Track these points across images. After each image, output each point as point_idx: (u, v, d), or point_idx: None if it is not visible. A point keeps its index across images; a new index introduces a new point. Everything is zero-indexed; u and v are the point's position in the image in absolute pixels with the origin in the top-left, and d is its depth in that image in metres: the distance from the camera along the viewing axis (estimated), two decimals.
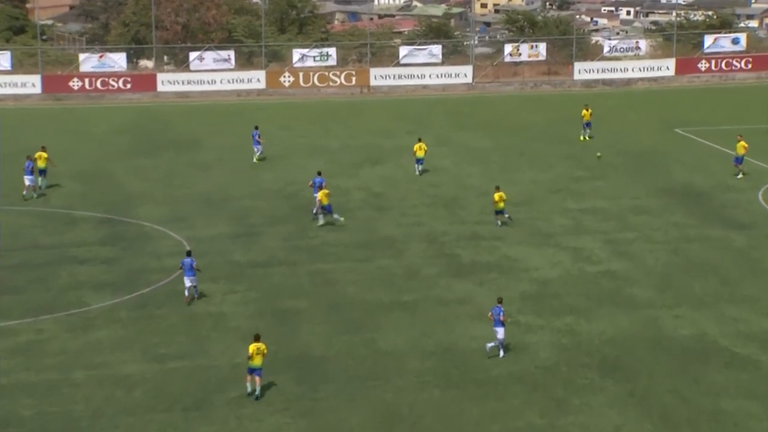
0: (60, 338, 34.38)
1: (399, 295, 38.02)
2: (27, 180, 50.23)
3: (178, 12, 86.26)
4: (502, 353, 32.73)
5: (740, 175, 52.60)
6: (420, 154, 53.99)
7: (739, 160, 53.02)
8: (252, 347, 30.47)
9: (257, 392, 30.22)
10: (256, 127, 58.25)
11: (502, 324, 32.55)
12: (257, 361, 30.28)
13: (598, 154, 55.94)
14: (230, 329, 34.88)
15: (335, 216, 45.43)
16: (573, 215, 47.36)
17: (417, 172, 53.97)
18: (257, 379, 30.29)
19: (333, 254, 42.61)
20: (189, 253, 37.88)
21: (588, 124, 61.31)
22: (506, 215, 45.69)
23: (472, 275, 40.01)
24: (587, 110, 61.60)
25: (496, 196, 45.49)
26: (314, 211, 46.33)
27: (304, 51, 79.27)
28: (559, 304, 36.69)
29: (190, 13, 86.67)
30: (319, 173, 48.00)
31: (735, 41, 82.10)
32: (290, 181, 53.57)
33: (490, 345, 32.72)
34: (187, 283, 37.27)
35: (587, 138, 61.04)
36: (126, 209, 48.73)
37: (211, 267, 40.33)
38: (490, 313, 32.92)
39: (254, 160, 57.19)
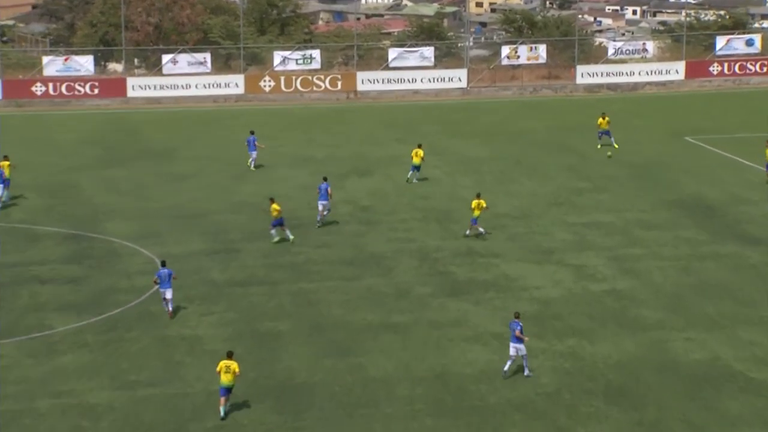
0: (21, 365, 34.28)
1: (388, 317, 38.03)
2: None
3: (149, 11, 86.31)
4: (527, 371, 33.06)
5: None
6: (416, 160, 54.29)
7: None
8: (221, 364, 30.89)
9: (222, 411, 30.60)
10: (252, 132, 58.53)
11: (519, 340, 32.81)
12: (225, 380, 30.65)
13: (609, 153, 56.04)
14: (206, 353, 34.83)
15: (287, 232, 45.47)
16: (575, 230, 47.46)
17: (408, 179, 54.30)
18: (222, 398, 30.74)
19: (317, 272, 42.60)
20: (164, 264, 38.28)
21: (607, 133, 61.28)
22: (481, 229, 46.02)
23: (467, 294, 40.04)
24: (604, 118, 61.69)
25: (474, 203, 45.89)
26: (318, 219, 47.45)
27: (286, 53, 79.36)
28: (561, 326, 36.74)
29: (162, 12, 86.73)
30: (325, 179, 48.45)
31: (749, 43, 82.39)
32: (271, 193, 53.47)
33: (507, 364, 33.11)
34: (168, 295, 37.71)
35: (615, 146, 60.71)
36: (93, 224, 48.66)
37: (185, 286, 40.28)
38: (510, 328, 33.40)
39: (251, 167, 57.60)
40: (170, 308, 37.89)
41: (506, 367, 33.15)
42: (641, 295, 39.92)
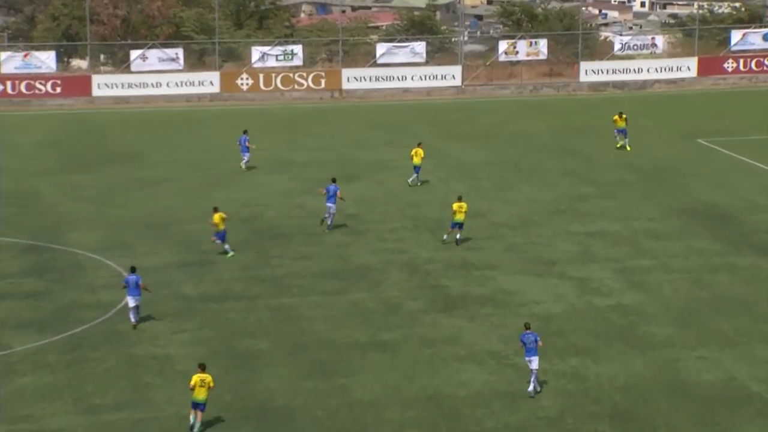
0: None
1: (376, 334, 38.06)
2: None
3: (116, 3, 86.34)
4: (532, 388, 33.13)
5: None
6: (416, 160, 54.70)
7: None
8: (195, 378, 31.09)
9: (197, 428, 30.78)
10: (245, 132, 58.88)
11: (536, 352, 33.05)
12: (200, 395, 30.91)
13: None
14: (178, 374, 34.80)
15: (226, 247, 45.46)
16: (579, 240, 47.57)
17: (410, 181, 55.09)
18: (199, 414, 30.95)
19: (299, 286, 42.62)
20: (134, 270, 38.63)
21: (622, 131, 61.64)
22: (458, 236, 46.38)
23: (461, 310, 40.09)
24: (621, 117, 61.94)
25: (455, 205, 46.30)
26: (326, 219, 48.36)
27: (265, 49, 79.43)
28: (564, 344, 36.80)
29: (130, 4, 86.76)
30: (334, 180, 48.94)
31: (766, 37, 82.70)
32: (248, 201, 53.60)
33: (531, 385, 33.08)
34: (131, 303, 37.94)
35: (628, 148, 61.20)
36: (55, 234, 48.61)
37: (155, 301, 40.26)
38: (520, 343, 33.47)
39: (243, 168, 58.24)
40: (134, 318, 38.27)
41: (531, 387, 33.23)
42: (650, 310, 40.00)
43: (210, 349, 36.77)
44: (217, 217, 45.48)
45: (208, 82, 77.93)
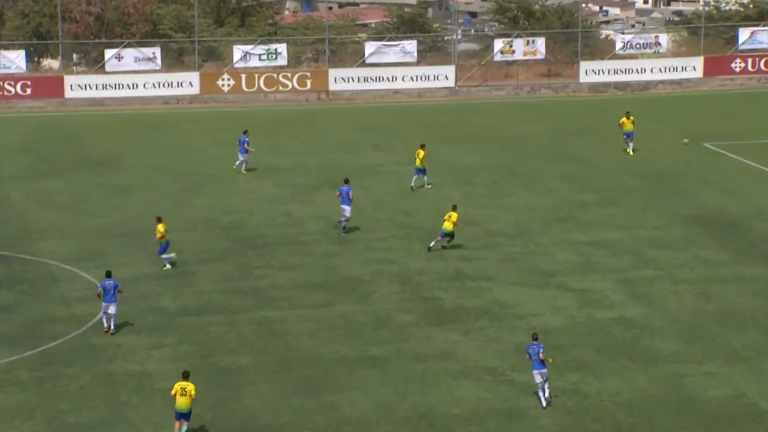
0: None
1: (365, 349, 38.11)
2: None
3: (90, 0, 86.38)
4: (544, 402, 33.48)
5: None
6: (417, 163, 55.62)
7: None
8: (176, 386, 31.49)
9: None
10: (245, 132, 59.37)
11: (543, 364, 33.40)
12: (182, 404, 31.25)
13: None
14: (156, 392, 34.84)
15: (165, 257, 45.48)
16: (579, 249, 47.69)
17: (412, 185, 56.03)
18: (185, 423, 31.22)
19: (284, 299, 42.67)
20: (109, 274, 38.99)
21: (629, 135, 61.89)
22: (440, 239, 47.02)
23: (455, 323, 40.17)
24: (628, 118, 62.19)
25: (446, 215, 47.14)
26: (340, 222, 49.27)
27: (248, 48, 79.49)
28: (563, 359, 36.88)
29: (105, 1, 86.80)
30: (347, 181, 49.91)
31: None
32: (230, 208, 53.65)
33: (544, 397, 33.54)
34: (111, 309, 38.42)
35: (632, 152, 61.56)
36: (25, 244, 48.59)
37: (132, 315, 40.30)
38: (527, 354, 33.82)
39: (241, 171, 58.87)
40: (112, 325, 38.66)
41: (543, 399, 33.60)
42: (654, 323, 40.13)
43: (190, 365, 36.66)
44: (161, 228, 45.33)
45: (187, 83, 77.95)
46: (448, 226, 46.94)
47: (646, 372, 36.17)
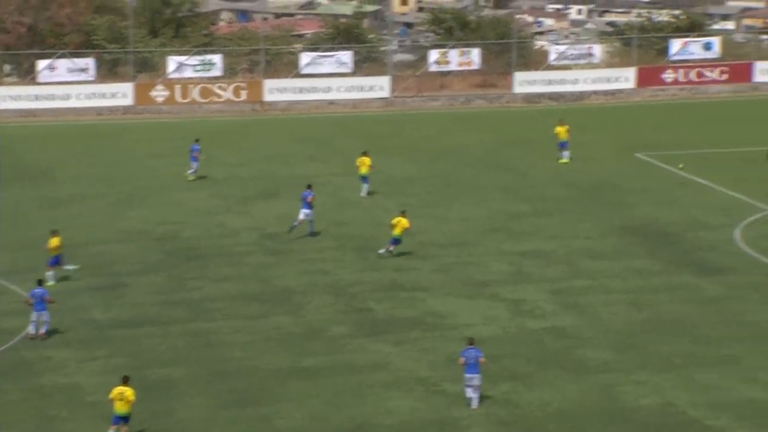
0: None
1: (299, 360, 38.07)
2: None
3: (22, 10, 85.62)
4: (475, 403, 33.84)
5: None
6: (362, 170, 55.99)
7: None
8: (114, 391, 31.61)
9: None
10: (197, 140, 59.63)
11: (479, 370, 33.73)
12: (120, 408, 31.38)
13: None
14: (87, 405, 34.61)
15: (66, 267, 45.30)
16: (512, 260, 47.89)
17: (363, 193, 56.16)
18: (124, 428, 31.31)
19: (217, 310, 42.53)
20: (40, 282, 39.41)
21: (563, 144, 62.30)
22: (390, 248, 47.11)
23: (388, 334, 40.21)
24: (562, 126, 62.63)
25: (395, 220, 47.21)
26: (294, 225, 49.78)
27: (182, 59, 79.23)
28: (496, 369, 36.94)
29: (37, 11, 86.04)
30: (309, 186, 50.45)
31: (707, 46, 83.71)
32: (164, 219, 53.40)
33: (470, 400, 33.80)
34: (41, 317, 38.75)
35: (566, 161, 61.96)
36: None
37: (63, 328, 40.02)
38: (462, 358, 34.05)
39: (189, 178, 58.95)
40: (43, 330, 39.01)
41: (473, 400, 34.02)
42: (586, 333, 40.37)
43: (122, 378, 36.50)
44: (55, 241, 44.98)
45: (120, 94, 77.50)
46: (397, 231, 47.07)
47: (577, 382, 36.36)
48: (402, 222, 47.26)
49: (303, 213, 49.98)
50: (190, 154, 59.36)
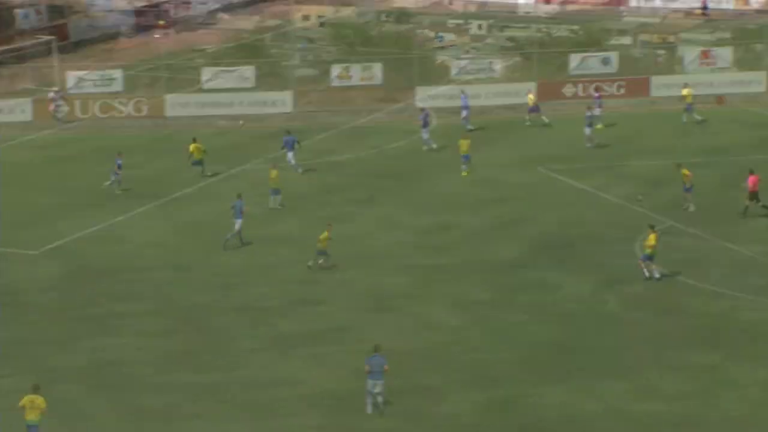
0: None
1: (205, 377, 37.80)
2: None
3: None
4: (372, 409, 34.25)
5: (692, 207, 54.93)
6: (270, 183, 56.37)
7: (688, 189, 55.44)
8: (24, 399, 31.58)
9: None
10: (120, 154, 60.44)
11: (382, 376, 34.30)
12: (30, 416, 31.40)
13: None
14: None
15: None
16: (418, 273, 47.97)
17: (278, 206, 56.22)
18: None
19: (118, 327, 42.11)
20: None
21: (466, 157, 62.79)
22: (320, 260, 47.25)
23: (295, 349, 40.11)
24: (465, 140, 63.42)
25: (323, 234, 47.74)
26: (228, 239, 50.10)
27: (82, 74, 78.37)
28: (402, 383, 36.99)
29: None
30: (239, 196, 50.75)
31: (605, 61, 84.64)
32: (67, 237, 52.73)
33: (372, 403, 34.33)
34: None
35: (466, 173, 62.36)
36: None
37: None
38: (367, 366, 34.49)
39: (116, 191, 59.10)
40: None
41: (371, 405, 34.34)
42: (492, 346, 40.57)
43: (21, 397, 36.00)
44: None
45: (19, 110, 76.33)
46: (321, 245, 47.35)
47: (484, 394, 36.58)
48: (324, 234, 47.70)
49: (237, 223, 50.31)
50: (115, 168, 59.61)
